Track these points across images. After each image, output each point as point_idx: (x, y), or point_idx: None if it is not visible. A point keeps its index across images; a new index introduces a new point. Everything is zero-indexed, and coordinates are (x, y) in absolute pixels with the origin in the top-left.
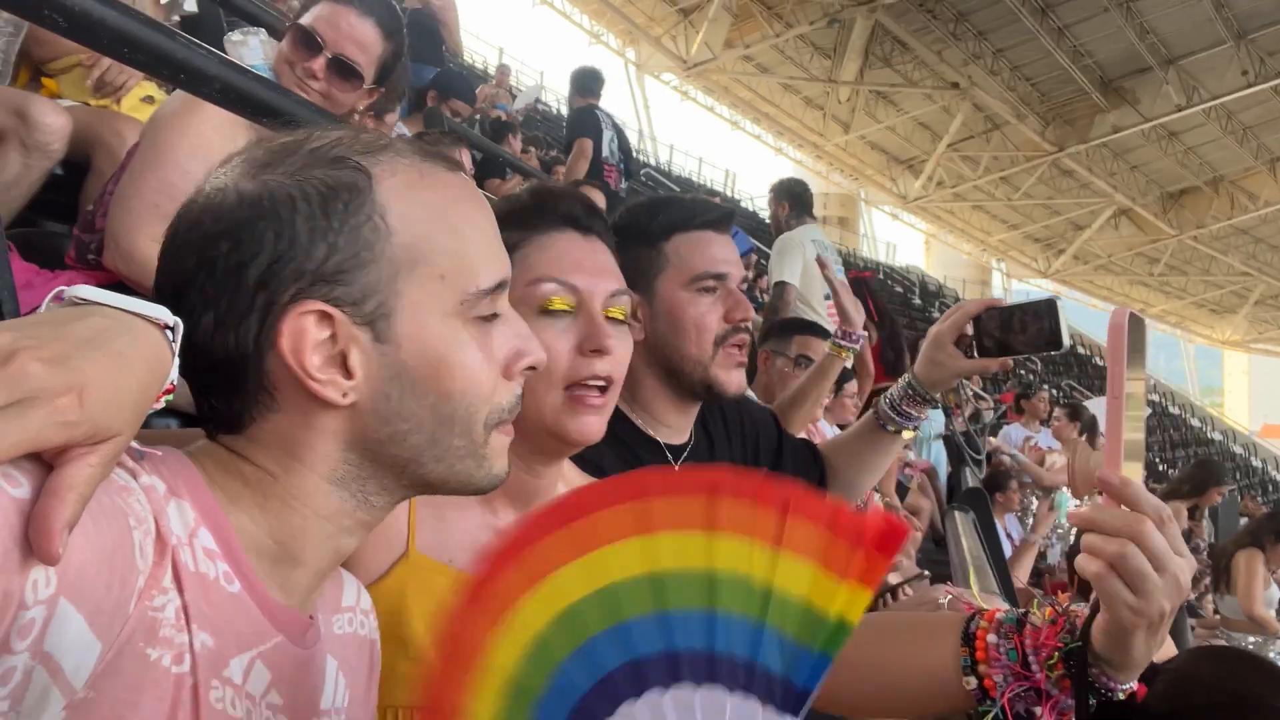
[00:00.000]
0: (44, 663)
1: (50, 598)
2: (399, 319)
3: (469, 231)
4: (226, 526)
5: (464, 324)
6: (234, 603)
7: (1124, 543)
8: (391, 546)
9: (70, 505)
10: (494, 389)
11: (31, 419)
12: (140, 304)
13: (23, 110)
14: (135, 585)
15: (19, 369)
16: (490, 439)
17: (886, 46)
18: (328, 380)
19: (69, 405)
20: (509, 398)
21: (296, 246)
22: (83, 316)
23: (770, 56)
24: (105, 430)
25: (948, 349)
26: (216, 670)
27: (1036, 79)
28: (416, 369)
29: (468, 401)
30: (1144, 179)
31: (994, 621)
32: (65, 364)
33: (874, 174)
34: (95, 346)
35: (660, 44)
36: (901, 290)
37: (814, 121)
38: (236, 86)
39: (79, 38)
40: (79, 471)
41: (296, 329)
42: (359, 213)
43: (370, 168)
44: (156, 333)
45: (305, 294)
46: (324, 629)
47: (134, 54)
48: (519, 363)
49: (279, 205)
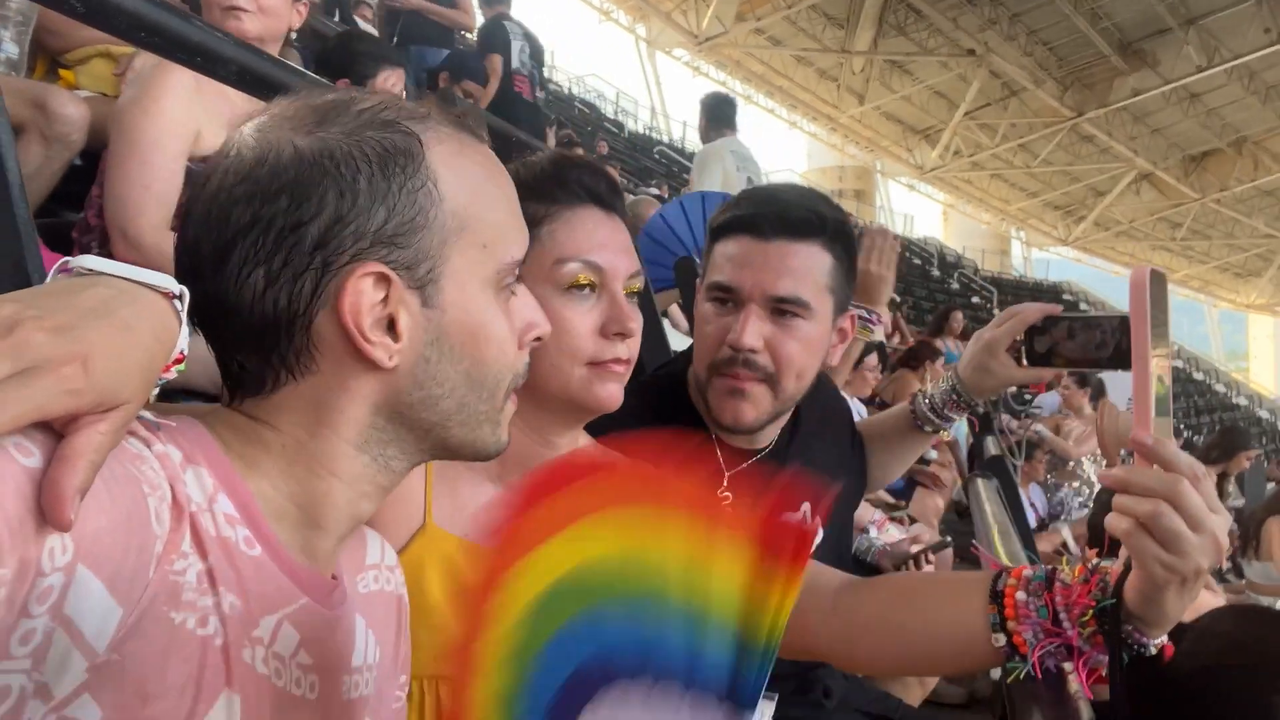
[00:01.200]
0: (64, 626)
1: (68, 564)
2: (445, 284)
3: (504, 203)
4: (245, 492)
5: (496, 293)
6: (257, 566)
7: (1157, 502)
8: (410, 519)
9: (81, 471)
10: (515, 358)
11: (36, 388)
12: (146, 273)
13: (42, 102)
14: (153, 550)
15: (22, 339)
16: (506, 406)
17: (900, 14)
18: (379, 343)
19: (74, 373)
20: (523, 367)
21: (358, 207)
22: (87, 286)
23: (782, 29)
24: (113, 398)
25: (1000, 356)
26: (247, 630)
27: (1054, 43)
28: (456, 335)
29: (498, 368)
30: (1165, 142)
31: (1022, 578)
32: (69, 333)
33: (890, 145)
34: (100, 315)
35: (671, 19)
36: (920, 262)
37: (828, 94)
38: (253, 68)
39: (95, 22)
40: (89, 439)
41: (357, 289)
42: (415, 177)
43: (421, 134)
44: (163, 301)
45: (365, 255)
46: (350, 589)
47: (150, 37)
48: (530, 333)
49: (341, 164)
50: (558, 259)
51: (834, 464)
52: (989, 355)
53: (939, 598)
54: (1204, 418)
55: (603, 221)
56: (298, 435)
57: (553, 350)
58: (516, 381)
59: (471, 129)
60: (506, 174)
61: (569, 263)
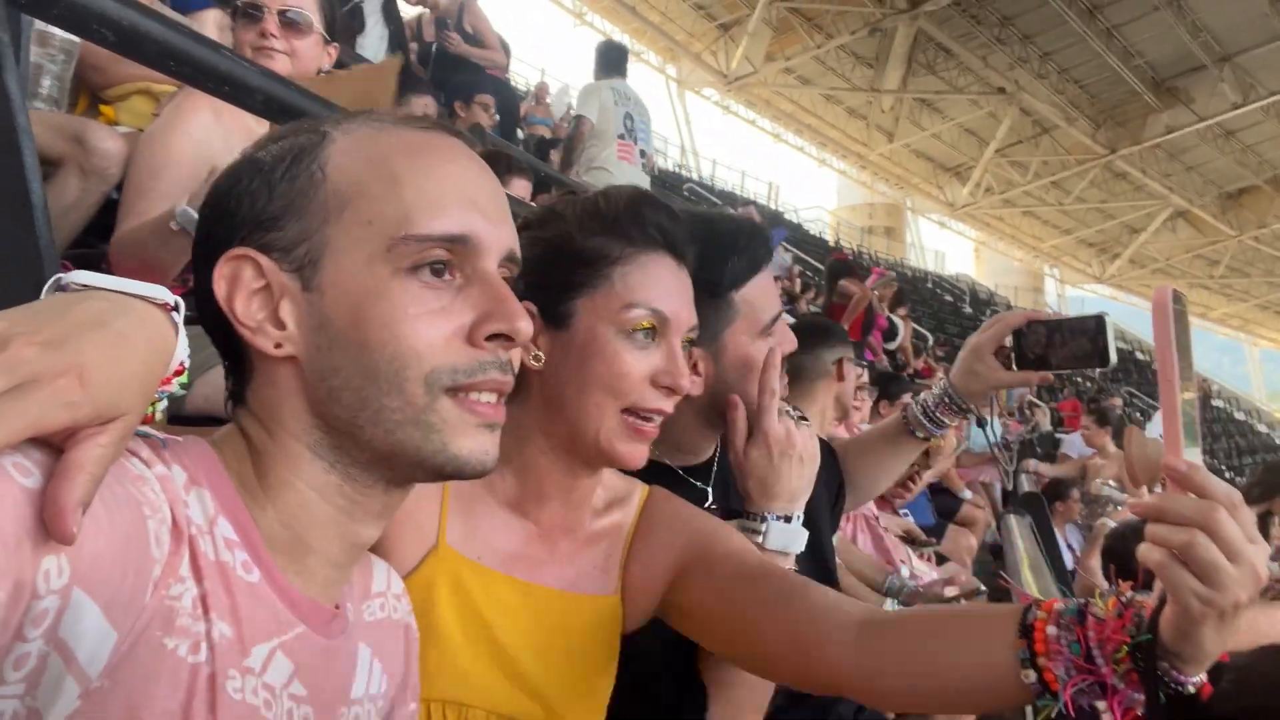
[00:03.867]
0: (58, 649)
1: (63, 588)
2: (324, 266)
3: (415, 178)
4: (245, 515)
5: (394, 273)
6: (253, 592)
7: (1193, 532)
8: (423, 538)
9: (82, 485)
10: (436, 347)
11: (32, 402)
12: (139, 285)
13: (81, 136)
14: (151, 574)
15: (15, 354)
16: (438, 405)
17: (930, 53)
18: (256, 328)
19: (69, 386)
20: (467, 362)
21: (244, 203)
22: (80, 301)
23: (811, 68)
24: (110, 410)
25: (986, 360)
26: (236, 660)
27: (1086, 81)
28: (338, 318)
29: (390, 353)
30: (1201, 179)
31: (1053, 612)
32: (63, 346)
33: (920, 182)
34: (93, 328)
35: (701, 59)
36: (951, 299)
37: (857, 131)
38: (279, 97)
39: (126, 51)
40: (88, 451)
41: (227, 275)
42: (301, 165)
43: (331, 130)
44: (158, 313)
45: (242, 242)
46: (354, 617)
47: (179, 67)
48: (484, 327)
49: (243, 172)
50: (628, 303)
51: None
52: (976, 359)
53: (966, 631)
54: (1246, 459)
55: (674, 271)
56: (263, 440)
57: (599, 387)
58: (454, 377)
59: (423, 120)
60: (449, 155)
61: (637, 308)
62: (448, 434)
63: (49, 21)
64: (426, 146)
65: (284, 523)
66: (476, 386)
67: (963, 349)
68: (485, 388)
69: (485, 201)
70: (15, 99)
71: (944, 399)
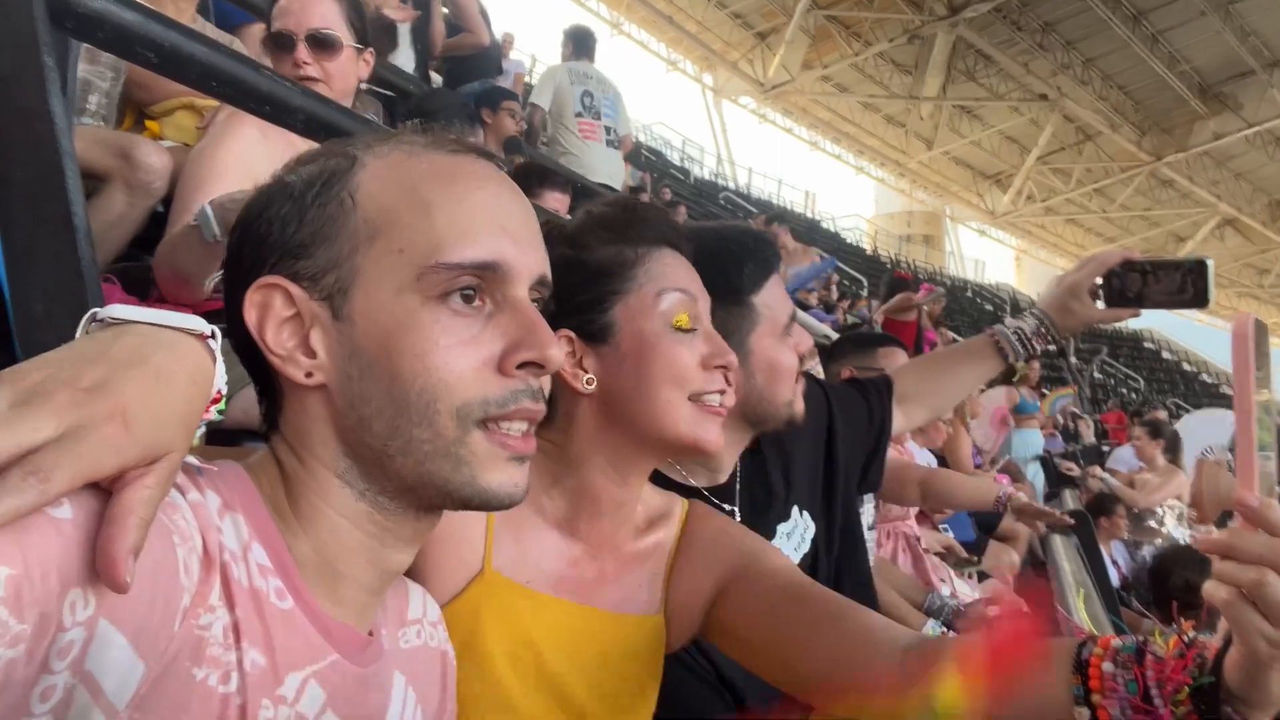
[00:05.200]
0: (84, 681)
1: (89, 619)
2: (355, 295)
3: (446, 205)
4: (278, 541)
5: (424, 301)
6: (287, 619)
7: (1263, 570)
8: (467, 564)
9: (132, 531)
10: (467, 378)
11: (84, 450)
12: (174, 316)
13: (127, 152)
14: (180, 604)
15: (61, 403)
16: (469, 438)
17: (970, 60)
18: (287, 356)
19: (116, 432)
20: (499, 393)
21: (274, 228)
22: (117, 338)
23: (849, 76)
24: (156, 449)
25: (1082, 298)
26: (269, 689)
27: (1130, 87)
28: (369, 347)
29: (420, 385)
30: (1249, 186)
31: (1109, 649)
32: (105, 390)
33: (960, 190)
34: (132, 366)
35: (737, 68)
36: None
37: (896, 139)
38: (319, 116)
39: (169, 73)
40: (137, 494)
41: (257, 303)
42: (331, 192)
43: (361, 154)
44: (195, 343)
45: (272, 270)
46: (389, 644)
47: (221, 87)
48: (515, 355)
49: (274, 196)
50: (659, 292)
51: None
52: (1071, 297)
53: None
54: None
55: (682, 260)
56: (294, 466)
57: (665, 382)
58: (487, 409)
59: (452, 141)
60: (479, 180)
61: (669, 293)
62: (477, 467)
63: (94, 45)
64: (458, 172)
65: (316, 549)
66: (508, 416)
67: (1055, 285)
68: (517, 417)
69: (516, 227)
70: (60, 123)
71: (1042, 328)
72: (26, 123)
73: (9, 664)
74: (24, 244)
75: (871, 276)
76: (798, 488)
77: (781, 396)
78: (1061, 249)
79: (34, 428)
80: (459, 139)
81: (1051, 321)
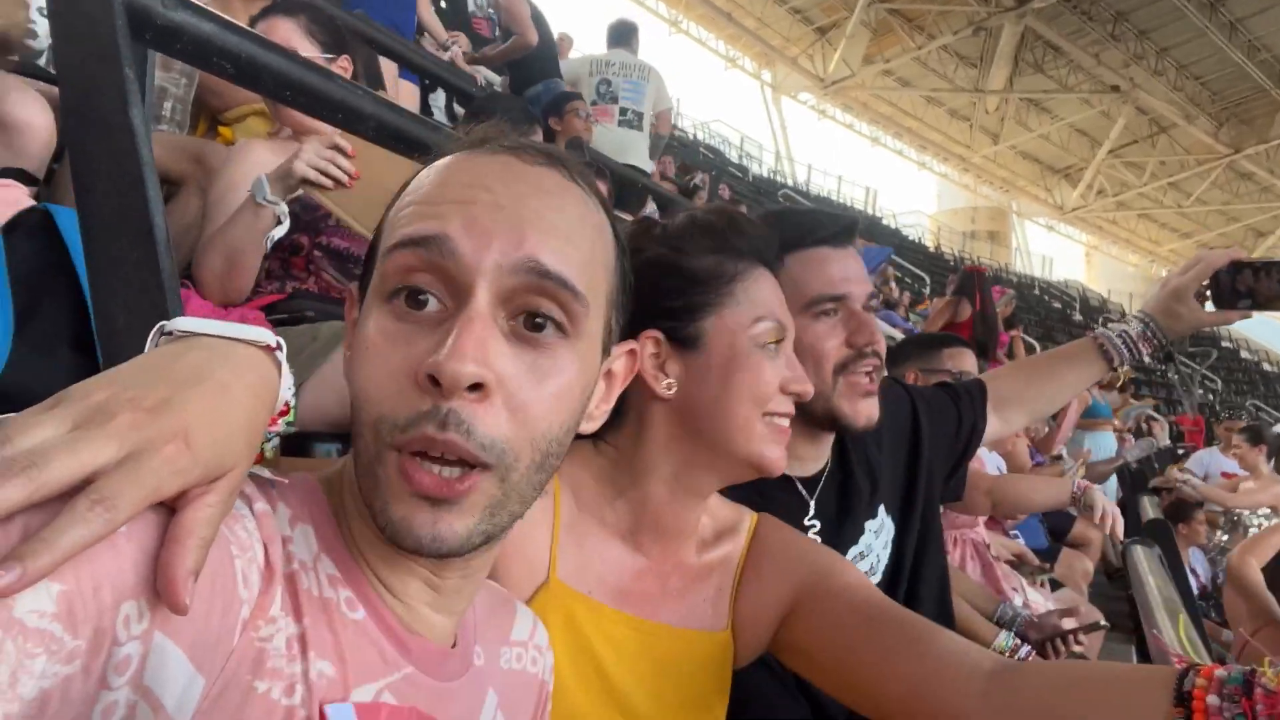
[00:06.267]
0: (145, 698)
1: (144, 632)
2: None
3: (418, 196)
4: (346, 553)
5: (379, 303)
6: (358, 630)
7: None
8: (533, 573)
9: (193, 551)
10: (383, 389)
11: (147, 472)
12: (242, 329)
13: (201, 157)
14: (239, 615)
15: (123, 424)
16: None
17: (1038, 52)
18: None
19: (177, 452)
20: (405, 413)
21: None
22: (181, 354)
23: (911, 70)
24: (218, 467)
25: (1188, 301)
26: (337, 701)
27: (1206, 77)
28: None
29: (354, 396)
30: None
31: (1214, 680)
32: (167, 410)
33: (1027, 185)
34: (194, 383)
35: (797, 64)
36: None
37: (960, 133)
38: (390, 124)
39: (245, 82)
40: (199, 514)
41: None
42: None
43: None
44: (260, 355)
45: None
46: (486, 662)
47: (295, 96)
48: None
49: None
50: (757, 317)
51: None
52: (1177, 301)
53: (1113, 694)
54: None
55: (775, 283)
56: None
57: (747, 399)
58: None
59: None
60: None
61: (765, 321)
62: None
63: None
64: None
65: (367, 561)
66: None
67: (1161, 289)
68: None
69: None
70: (140, 134)
71: (1148, 332)
72: (108, 135)
73: (66, 680)
74: (107, 255)
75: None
76: (883, 488)
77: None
78: (1134, 244)
79: (97, 450)
80: (503, 137)
81: (1158, 325)
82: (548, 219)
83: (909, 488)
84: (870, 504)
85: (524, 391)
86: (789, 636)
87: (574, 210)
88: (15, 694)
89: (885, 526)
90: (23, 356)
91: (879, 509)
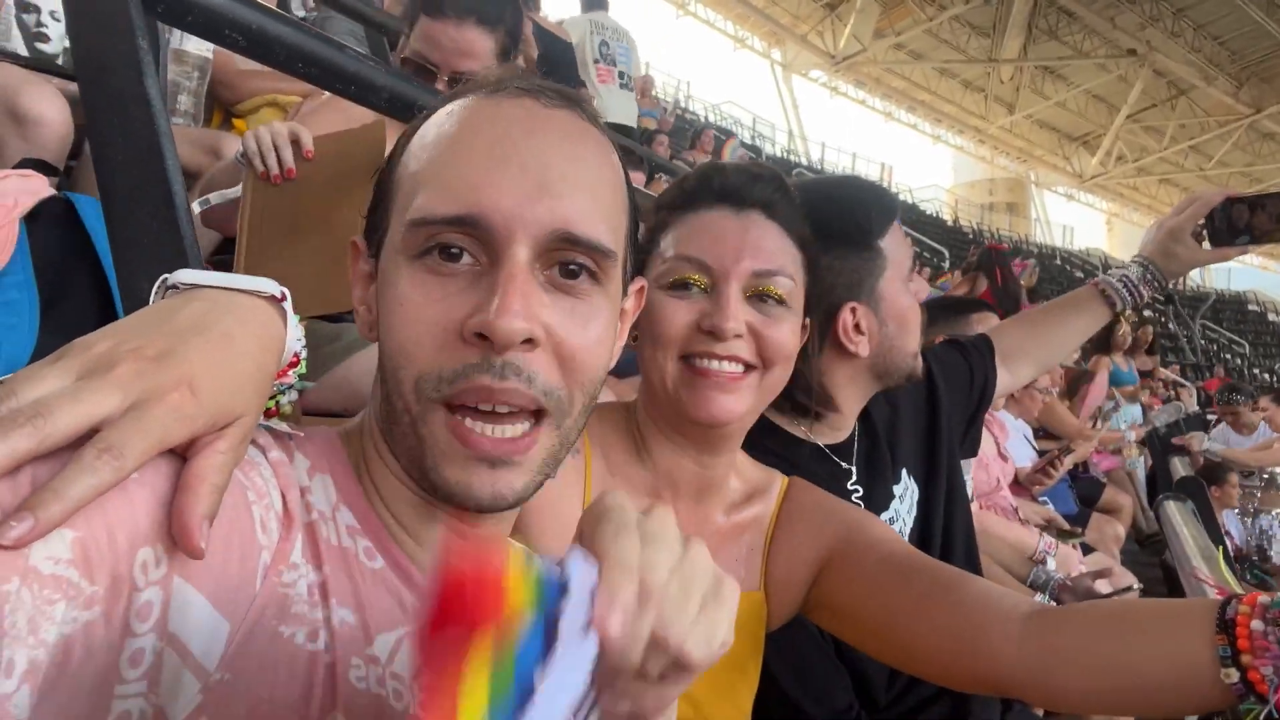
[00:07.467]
0: (171, 644)
1: (163, 578)
2: (383, 254)
3: (442, 152)
4: (365, 504)
5: (407, 261)
6: (377, 579)
7: None
8: (565, 530)
9: (206, 497)
10: (425, 345)
11: (151, 421)
12: (246, 279)
13: (216, 148)
14: (259, 561)
15: (126, 373)
16: (430, 418)
17: (1052, 18)
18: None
19: (183, 399)
20: (452, 366)
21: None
22: (183, 305)
23: (923, 42)
24: (225, 415)
25: (1185, 241)
26: (358, 648)
27: (1225, 37)
28: (380, 309)
29: (389, 349)
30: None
31: (1257, 606)
32: (170, 358)
33: (1044, 154)
34: (198, 332)
35: (807, 41)
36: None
37: (974, 105)
38: (403, 95)
39: (257, 55)
40: (209, 460)
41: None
42: (395, 151)
43: (432, 111)
44: (265, 306)
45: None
46: None
47: (308, 68)
48: (469, 322)
49: None
50: (664, 258)
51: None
52: (1174, 241)
53: (1154, 625)
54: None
55: (728, 220)
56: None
57: (650, 342)
58: (432, 386)
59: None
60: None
61: (668, 261)
62: (438, 455)
63: (183, 28)
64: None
65: (394, 513)
66: (459, 396)
67: (1155, 231)
68: (470, 399)
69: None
70: (156, 104)
71: (1148, 275)
72: (124, 106)
73: (87, 627)
74: (127, 225)
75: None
76: (902, 452)
77: (910, 347)
78: (1156, 210)
79: (101, 399)
80: (526, 81)
81: (1157, 267)
82: (573, 176)
83: (930, 448)
84: (893, 468)
85: (572, 339)
86: (823, 594)
87: (594, 158)
88: (39, 639)
89: (910, 490)
90: (49, 342)
91: (901, 472)
